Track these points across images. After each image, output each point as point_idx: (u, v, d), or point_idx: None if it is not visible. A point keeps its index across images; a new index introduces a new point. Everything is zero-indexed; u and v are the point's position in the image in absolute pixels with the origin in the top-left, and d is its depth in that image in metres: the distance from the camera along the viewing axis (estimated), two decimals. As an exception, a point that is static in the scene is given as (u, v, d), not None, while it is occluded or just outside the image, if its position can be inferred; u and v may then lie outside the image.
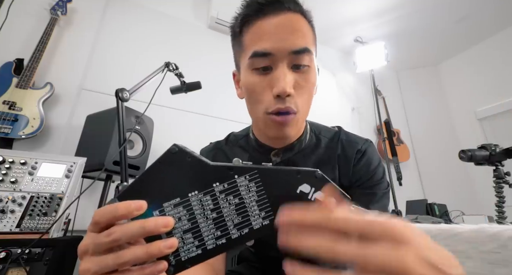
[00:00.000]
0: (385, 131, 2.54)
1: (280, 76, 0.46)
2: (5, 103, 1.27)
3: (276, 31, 0.47)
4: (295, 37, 0.47)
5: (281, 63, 0.47)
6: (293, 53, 0.47)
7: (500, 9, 2.35)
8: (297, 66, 0.48)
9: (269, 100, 0.48)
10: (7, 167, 0.90)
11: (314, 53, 0.52)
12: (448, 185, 2.70)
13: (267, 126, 0.52)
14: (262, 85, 0.49)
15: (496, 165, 0.94)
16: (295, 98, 0.48)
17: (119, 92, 0.99)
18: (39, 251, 0.81)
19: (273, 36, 0.47)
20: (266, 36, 0.47)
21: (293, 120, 0.49)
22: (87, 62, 1.68)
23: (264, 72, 0.49)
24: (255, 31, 0.49)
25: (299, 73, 0.49)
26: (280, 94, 0.46)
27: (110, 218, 0.25)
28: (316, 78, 0.53)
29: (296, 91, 0.48)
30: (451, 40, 2.78)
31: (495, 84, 2.61)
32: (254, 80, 0.50)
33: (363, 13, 2.46)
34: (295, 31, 0.47)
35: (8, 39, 1.46)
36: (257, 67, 0.49)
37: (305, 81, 0.49)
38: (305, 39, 0.48)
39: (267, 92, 0.49)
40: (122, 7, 1.91)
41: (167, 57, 1.22)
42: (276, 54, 0.47)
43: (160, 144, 1.56)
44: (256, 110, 0.52)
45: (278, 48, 0.46)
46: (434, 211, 1.35)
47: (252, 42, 0.49)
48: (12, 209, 0.85)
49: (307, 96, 0.51)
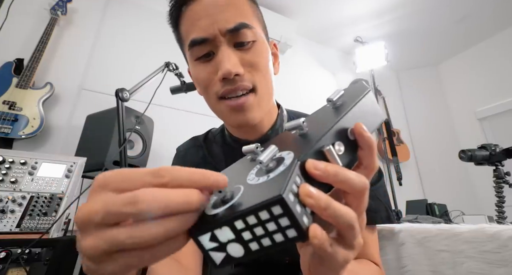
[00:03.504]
0: (385, 131, 2.54)
1: (222, 58, 0.43)
2: (5, 103, 1.27)
3: (207, 13, 0.43)
4: (228, 15, 0.43)
5: (221, 46, 0.43)
6: (229, 32, 0.43)
7: (500, 9, 2.35)
8: (241, 43, 0.44)
9: (217, 85, 0.45)
10: (7, 167, 0.90)
11: (258, 25, 0.48)
12: (448, 185, 2.70)
13: (224, 115, 0.48)
14: (208, 72, 0.45)
15: (496, 165, 0.94)
16: (246, 76, 0.44)
17: (119, 92, 0.99)
18: (39, 251, 0.81)
19: (205, 19, 0.43)
20: (197, 21, 0.44)
21: (253, 101, 0.45)
22: (87, 62, 1.68)
23: (208, 59, 0.45)
24: (188, 19, 0.46)
25: (245, 50, 0.45)
26: (225, 75, 0.42)
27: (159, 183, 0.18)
28: (268, 52, 0.49)
29: (247, 69, 0.44)
30: (451, 40, 2.78)
31: (495, 84, 2.61)
32: (199, 70, 0.46)
33: (363, 13, 2.46)
34: (228, 8, 0.44)
35: (8, 39, 1.46)
36: (199, 56, 0.45)
37: (254, 56, 0.45)
38: (239, 13, 0.44)
39: (213, 78, 0.45)
40: (122, 7, 1.91)
41: (167, 57, 1.22)
42: (212, 37, 0.43)
43: (160, 144, 1.56)
44: (209, 99, 0.48)
45: (213, 31, 0.43)
46: (434, 211, 1.35)
47: (187, 32, 0.46)
48: (12, 209, 0.85)
49: (263, 72, 0.46)
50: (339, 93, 0.28)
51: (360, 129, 0.23)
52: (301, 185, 0.18)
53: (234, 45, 0.44)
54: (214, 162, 0.59)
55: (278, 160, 0.21)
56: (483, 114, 2.68)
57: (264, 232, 0.17)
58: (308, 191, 0.17)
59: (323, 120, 0.26)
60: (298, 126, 0.24)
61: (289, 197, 0.16)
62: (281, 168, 0.20)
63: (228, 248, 0.18)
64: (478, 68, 2.79)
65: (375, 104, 0.29)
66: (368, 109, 0.28)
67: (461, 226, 0.60)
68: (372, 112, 0.28)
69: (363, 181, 0.20)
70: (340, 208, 0.18)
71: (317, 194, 0.18)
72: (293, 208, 0.16)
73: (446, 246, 0.59)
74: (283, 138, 0.28)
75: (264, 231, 0.17)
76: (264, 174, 0.20)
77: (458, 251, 0.56)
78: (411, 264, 0.66)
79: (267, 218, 0.17)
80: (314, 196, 0.17)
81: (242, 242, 0.18)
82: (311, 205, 0.17)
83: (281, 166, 0.20)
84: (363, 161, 0.24)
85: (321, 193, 0.18)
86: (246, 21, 0.44)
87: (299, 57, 2.65)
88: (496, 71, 2.61)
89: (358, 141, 0.23)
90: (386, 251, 0.73)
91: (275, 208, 0.16)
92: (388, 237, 0.73)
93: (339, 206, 0.18)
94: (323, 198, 0.18)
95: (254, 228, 0.17)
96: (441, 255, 0.59)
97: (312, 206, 0.18)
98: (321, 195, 0.18)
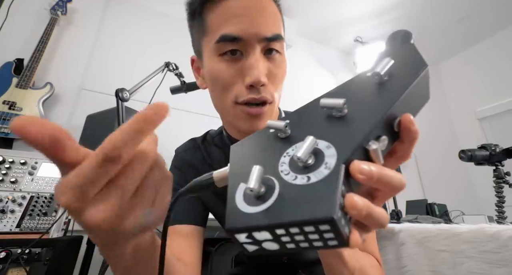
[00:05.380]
0: (385, 131, 2.54)
1: (253, 64, 0.42)
2: (5, 103, 1.27)
3: (246, 13, 0.42)
4: (267, 22, 0.43)
5: (253, 50, 0.43)
6: (266, 39, 0.43)
7: (500, 9, 2.35)
8: (270, 51, 0.44)
9: (240, 89, 0.43)
10: (7, 167, 0.90)
11: (284, 37, 0.49)
12: (448, 185, 2.70)
13: (237, 119, 0.46)
14: (230, 73, 0.44)
15: (496, 165, 0.94)
16: (269, 87, 0.44)
17: (119, 92, 0.99)
18: (39, 251, 0.81)
19: (243, 19, 0.42)
20: (234, 18, 0.42)
21: (267, 112, 0.45)
22: (87, 62, 1.68)
23: (233, 58, 0.44)
24: (221, 12, 0.43)
25: (271, 60, 0.45)
26: (254, 84, 0.42)
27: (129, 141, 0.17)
28: (286, 64, 0.49)
29: (269, 81, 0.44)
30: (451, 40, 2.78)
31: (495, 84, 2.61)
32: (221, 67, 0.44)
33: (363, 13, 2.46)
34: (267, 14, 0.43)
35: (8, 39, 1.46)
36: (224, 51, 0.44)
37: (277, 69, 0.45)
38: (276, 24, 0.45)
39: (237, 80, 0.44)
40: (122, 7, 1.91)
41: (167, 57, 1.22)
42: (248, 40, 0.42)
43: (160, 144, 1.56)
44: (224, 100, 0.46)
45: (250, 33, 0.42)
46: (434, 211, 1.35)
47: (217, 25, 0.44)
48: (12, 209, 0.85)
49: (280, 85, 0.47)
50: (388, 64, 0.22)
51: (409, 123, 0.20)
52: (347, 197, 0.17)
53: (264, 52, 0.44)
54: (212, 163, 0.59)
55: (315, 152, 0.19)
56: (483, 114, 2.68)
57: (304, 238, 0.17)
58: (355, 204, 0.16)
59: (366, 102, 0.21)
60: (336, 107, 0.20)
61: (338, 214, 0.15)
62: (324, 170, 0.17)
63: (264, 244, 0.18)
64: (478, 68, 2.79)
65: (428, 84, 0.23)
66: (420, 92, 0.22)
67: (461, 226, 0.60)
68: (422, 95, 0.23)
69: (403, 182, 0.19)
70: (378, 213, 0.18)
71: (361, 205, 0.17)
72: (339, 224, 0.15)
73: (446, 246, 0.59)
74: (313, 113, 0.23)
75: (304, 238, 0.17)
76: (302, 172, 0.18)
77: (458, 251, 0.56)
78: (411, 264, 0.66)
79: (311, 231, 0.16)
80: (358, 207, 0.16)
81: (279, 242, 0.18)
82: (354, 215, 0.17)
83: (323, 166, 0.18)
84: (398, 152, 0.22)
85: (364, 200, 0.17)
86: (281, 33, 0.45)
87: (299, 57, 2.65)
88: (496, 71, 2.61)
89: (401, 134, 0.21)
90: (386, 251, 0.73)
91: (323, 226, 0.16)
92: (388, 237, 0.73)
93: (377, 211, 0.18)
94: (366, 208, 0.17)
95: (294, 236, 0.17)
96: (441, 255, 0.60)
97: (354, 216, 0.17)
98: (364, 204, 0.17)
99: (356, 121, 0.20)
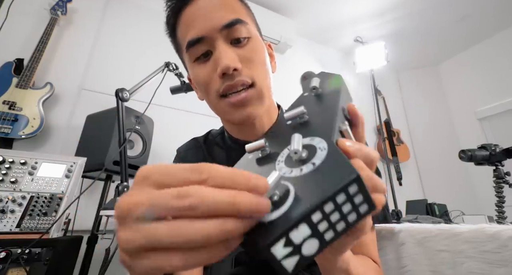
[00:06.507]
0: (385, 131, 2.54)
1: (220, 53, 0.43)
2: (5, 103, 1.27)
3: (201, 13, 0.44)
4: (223, 13, 0.44)
5: (218, 42, 0.44)
6: (225, 27, 0.44)
7: (500, 9, 2.35)
8: (237, 40, 0.45)
9: (216, 82, 0.45)
10: (7, 167, 0.90)
11: (252, 24, 0.49)
12: (448, 185, 2.70)
13: (226, 113, 0.48)
14: (206, 71, 0.45)
15: (496, 165, 0.94)
16: (244, 71, 0.44)
17: (119, 92, 0.99)
18: (39, 251, 0.81)
19: (199, 20, 0.44)
20: (193, 22, 0.44)
21: (253, 95, 0.45)
22: (87, 62, 1.68)
23: (206, 59, 0.46)
24: (183, 23, 0.46)
25: (242, 47, 0.45)
26: (225, 70, 0.42)
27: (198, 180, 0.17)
28: (264, 49, 0.49)
29: (245, 65, 0.45)
30: (451, 40, 2.78)
31: (495, 84, 2.61)
32: (198, 71, 0.46)
33: (363, 13, 2.46)
34: (221, 5, 0.45)
35: (8, 39, 1.46)
36: (197, 56, 0.46)
37: (251, 52, 0.46)
38: (233, 11, 0.46)
39: (213, 76, 0.45)
40: (122, 7, 1.91)
41: (167, 57, 1.21)
42: (208, 35, 0.44)
43: (160, 144, 1.56)
44: (210, 100, 0.48)
45: (208, 29, 0.43)
46: (434, 211, 1.35)
47: (184, 36, 0.46)
48: (12, 209, 0.85)
49: (261, 67, 0.47)
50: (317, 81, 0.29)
51: (354, 108, 0.26)
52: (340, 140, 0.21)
53: (231, 42, 0.45)
54: (214, 163, 0.59)
55: (304, 147, 0.21)
56: (483, 114, 2.68)
57: (339, 216, 0.17)
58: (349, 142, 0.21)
59: (319, 106, 0.26)
60: (300, 114, 0.25)
61: None
62: (322, 152, 0.19)
63: (303, 248, 0.17)
64: (478, 68, 2.79)
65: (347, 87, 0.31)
66: (346, 92, 0.30)
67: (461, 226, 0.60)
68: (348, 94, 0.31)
69: (376, 152, 0.23)
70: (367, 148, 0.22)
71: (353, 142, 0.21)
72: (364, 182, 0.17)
73: (446, 246, 0.59)
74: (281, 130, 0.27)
75: (340, 215, 0.17)
76: (303, 164, 0.19)
77: (458, 251, 0.56)
78: (411, 264, 0.66)
79: (343, 200, 0.17)
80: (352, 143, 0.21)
81: (318, 236, 0.17)
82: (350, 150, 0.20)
83: (318, 151, 0.20)
84: (356, 136, 0.26)
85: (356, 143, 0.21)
86: (240, 17, 0.45)
87: (299, 57, 2.65)
88: (496, 71, 2.61)
89: (352, 119, 0.26)
90: (386, 251, 0.73)
91: (351, 188, 0.17)
92: (388, 237, 0.73)
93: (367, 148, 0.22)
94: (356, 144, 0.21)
95: (331, 215, 0.17)
96: (441, 255, 0.60)
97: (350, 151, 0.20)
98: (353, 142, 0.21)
99: (321, 117, 0.24)
